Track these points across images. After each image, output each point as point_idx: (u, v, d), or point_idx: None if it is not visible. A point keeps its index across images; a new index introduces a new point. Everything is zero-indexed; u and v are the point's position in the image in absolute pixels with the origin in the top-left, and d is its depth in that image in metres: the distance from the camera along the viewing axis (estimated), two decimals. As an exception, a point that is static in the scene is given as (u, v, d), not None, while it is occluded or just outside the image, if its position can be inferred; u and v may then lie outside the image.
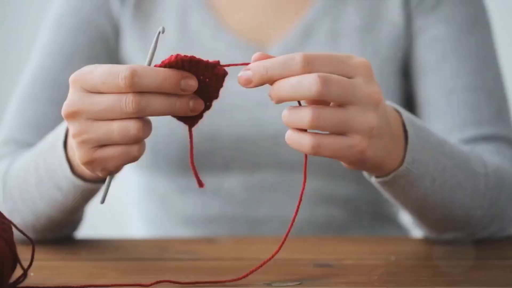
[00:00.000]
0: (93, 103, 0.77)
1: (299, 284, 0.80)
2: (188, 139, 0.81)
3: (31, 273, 0.80)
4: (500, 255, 0.99)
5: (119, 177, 1.14)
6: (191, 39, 1.21)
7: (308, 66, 0.75)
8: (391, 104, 0.88)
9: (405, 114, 0.88)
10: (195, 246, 1.03)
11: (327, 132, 0.77)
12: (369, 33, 1.20)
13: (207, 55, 0.80)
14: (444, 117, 1.14)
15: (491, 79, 1.16)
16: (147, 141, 1.19)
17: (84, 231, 1.10)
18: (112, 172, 0.82)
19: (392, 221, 1.30)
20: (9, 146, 1.14)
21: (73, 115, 0.78)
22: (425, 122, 1.13)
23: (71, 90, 0.79)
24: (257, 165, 1.20)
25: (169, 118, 0.79)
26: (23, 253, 0.78)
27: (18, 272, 0.77)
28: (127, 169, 0.89)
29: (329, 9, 1.21)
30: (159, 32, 0.79)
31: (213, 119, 1.18)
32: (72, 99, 0.78)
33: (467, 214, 0.98)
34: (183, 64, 0.77)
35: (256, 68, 0.76)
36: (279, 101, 0.76)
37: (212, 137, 1.18)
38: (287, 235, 0.80)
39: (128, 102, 0.76)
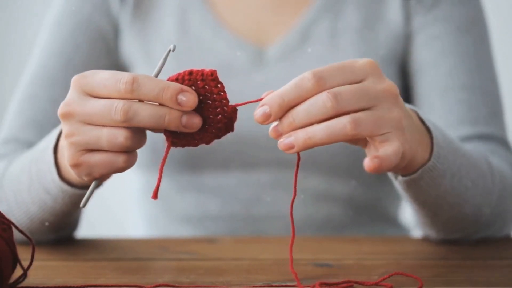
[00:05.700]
0: (87, 106, 0.77)
1: (299, 284, 0.80)
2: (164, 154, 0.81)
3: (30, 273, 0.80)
4: (500, 255, 0.99)
5: (118, 176, 1.14)
6: (191, 39, 1.21)
7: (320, 80, 0.74)
8: None
9: (419, 109, 0.87)
10: (195, 246, 1.03)
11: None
12: (368, 32, 1.20)
13: (207, 55, 0.80)
14: (440, 114, 1.14)
15: (487, 79, 1.17)
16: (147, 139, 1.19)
17: (83, 231, 1.10)
18: (97, 178, 0.81)
19: (392, 220, 1.30)
20: (10, 145, 1.14)
21: (67, 116, 0.78)
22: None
23: (70, 91, 0.79)
24: (256, 163, 1.20)
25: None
26: (23, 253, 0.78)
27: (18, 272, 0.77)
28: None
29: (329, 8, 1.21)
30: (169, 50, 0.78)
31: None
32: (69, 100, 0.78)
33: (478, 212, 0.98)
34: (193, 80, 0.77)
35: (271, 101, 0.75)
36: (296, 129, 0.75)
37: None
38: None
39: (117, 109, 0.75)
